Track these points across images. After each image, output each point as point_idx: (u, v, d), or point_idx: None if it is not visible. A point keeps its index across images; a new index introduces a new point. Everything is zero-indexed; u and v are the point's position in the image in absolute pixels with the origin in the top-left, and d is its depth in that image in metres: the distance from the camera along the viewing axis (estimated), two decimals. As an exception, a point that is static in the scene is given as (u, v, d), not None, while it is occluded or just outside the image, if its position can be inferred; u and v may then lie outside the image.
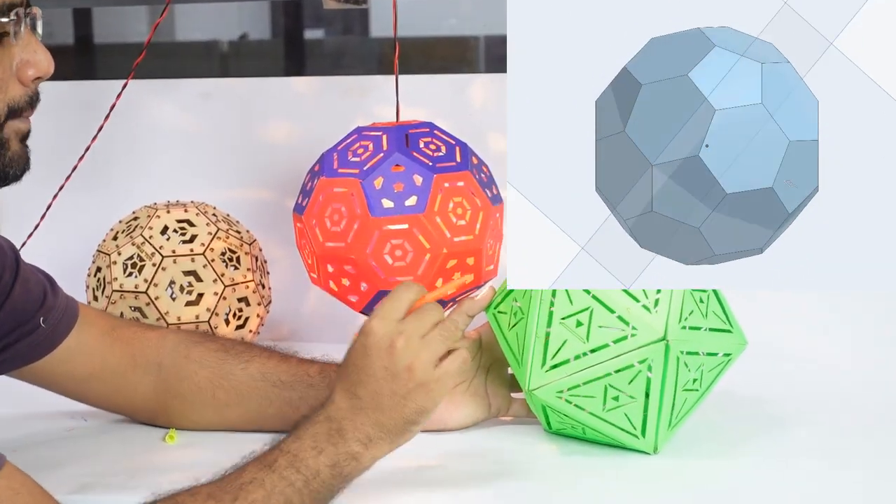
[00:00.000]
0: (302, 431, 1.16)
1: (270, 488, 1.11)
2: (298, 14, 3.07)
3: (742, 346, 1.36)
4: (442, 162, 1.46)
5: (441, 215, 1.43)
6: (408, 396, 1.17)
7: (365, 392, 1.17)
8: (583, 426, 1.33)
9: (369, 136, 1.48)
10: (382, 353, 1.17)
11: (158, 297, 1.56)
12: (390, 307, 1.19)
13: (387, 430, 1.17)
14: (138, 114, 1.92)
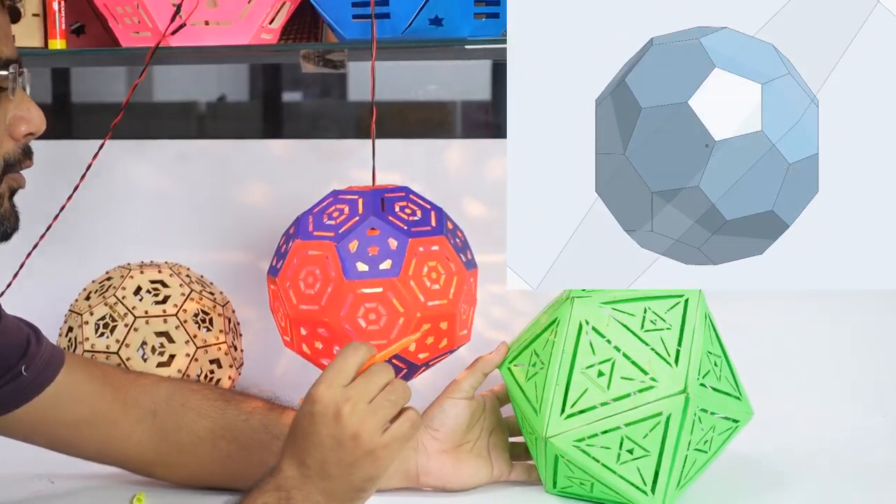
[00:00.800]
0: (250, 501, 1.14)
1: None
2: (277, 77, 3.09)
3: (749, 416, 1.39)
4: (417, 226, 1.46)
5: (415, 279, 1.43)
6: (355, 465, 1.15)
7: (313, 461, 1.15)
8: (592, 482, 1.35)
9: (345, 199, 1.49)
10: (329, 420, 1.15)
11: (130, 358, 1.55)
12: (336, 372, 1.17)
13: (336, 499, 1.16)
14: (114, 174, 1.92)
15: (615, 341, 1.34)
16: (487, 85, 2.88)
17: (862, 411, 1.74)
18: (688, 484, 1.38)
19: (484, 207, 1.83)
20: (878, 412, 1.74)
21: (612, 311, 1.36)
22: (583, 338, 1.35)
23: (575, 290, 1.41)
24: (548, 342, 1.38)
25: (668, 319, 1.36)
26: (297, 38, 1.78)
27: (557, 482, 1.41)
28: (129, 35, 1.62)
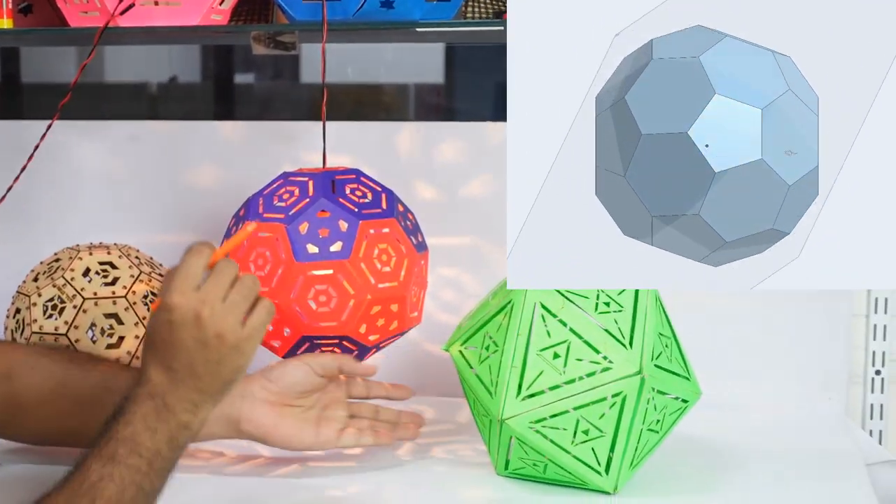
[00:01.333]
0: (130, 415, 1.17)
1: (120, 481, 1.13)
2: (229, 58, 3.07)
3: (697, 396, 1.41)
4: (368, 209, 1.46)
5: (366, 261, 1.43)
6: (221, 361, 1.20)
7: (179, 364, 1.19)
8: (545, 463, 1.36)
9: (295, 181, 1.48)
10: (189, 325, 1.19)
11: (79, 340, 1.54)
12: (186, 278, 1.21)
13: (208, 394, 1.21)
14: (64, 155, 1.90)
15: (570, 323, 1.35)
16: (440, 68, 2.88)
17: (809, 393, 1.76)
18: (640, 464, 1.39)
19: (435, 190, 1.83)
20: (825, 394, 1.75)
21: (566, 294, 1.37)
22: (537, 320, 1.36)
23: (528, 273, 1.41)
24: (501, 325, 1.39)
25: (621, 301, 1.37)
26: (248, 20, 1.77)
27: (510, 464, 1.41)
28: (77, 15, 1.60)
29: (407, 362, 1.85)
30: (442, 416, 1.73)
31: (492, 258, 1.82)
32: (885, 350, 1.79)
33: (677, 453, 1.51)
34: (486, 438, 1.44)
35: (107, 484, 1.12)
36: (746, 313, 1.77)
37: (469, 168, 1.82)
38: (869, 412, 1.80)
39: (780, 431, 1.65)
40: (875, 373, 1.80)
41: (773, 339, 1.76)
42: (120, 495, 1.12)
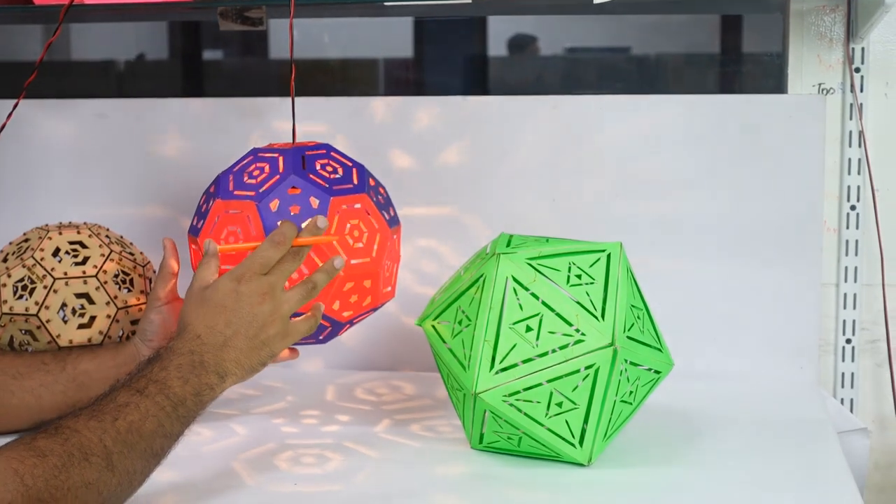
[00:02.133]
0: (167, 361, 1.25)
1: (145, 411, 1.19)
2: (196, 35, 3.05)
3: (669, 367, 1.42)
4: (339, 184, 1.45)
5: (338, 237, 1.43)
6: (266, 342, 1.32)
7: (229, 331, 1.30)
8: (520, 436, 1.36)
9: (265, 157, 1.47)
10: (254, 301, 1.31)
11: (50, 320, 1.53)
12: (263, 262, 1.33)
13: (241, 367, 1.30)
14: (31, 133, 1.89)
15: (542, 296, 1.35)
16: (409, 42, 2.87)
17: (781, 362, 1.76)
18: (613, 435, 1.40)
19: (409, 160, 1.83)
20: (796, 363, 1.76)
21: (538, 267, 1.37)
22: (510, 294, 1.36)
23: (500, 247, 1.41)
24: (474, 299, 1.39)
25: (593, 274, 1.37)
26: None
27: (484, 437, 1.42)
28: (42, -8, 1.59)
29: (385, 336, 1.85)
30: (418, 392, 1.73)
31: (470, 228, 1.81)
32: (856, 319, 1.80)
33: (651, 424, 1.52)
34: (460, 413, 1.44)
35: (132, 410, 1.18)
36: (717, 284, 1.77)
37: (442, 141, 1.82)
38: (840, 381, 1.81)
39: (753, 401, 1.66)
40: (846, 341, 1.81)
41: (745, 309, 1.77)
42: (141, 423, 1.18)
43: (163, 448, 1.21)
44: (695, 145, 1.77)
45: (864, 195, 1.79)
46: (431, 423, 1.57)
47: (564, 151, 1.80)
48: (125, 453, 1.15)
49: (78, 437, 1.13)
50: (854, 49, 1.77)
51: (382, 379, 1.80)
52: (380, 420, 1.59)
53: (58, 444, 1.11)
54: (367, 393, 1.73)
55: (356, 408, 1.66)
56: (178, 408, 1.22)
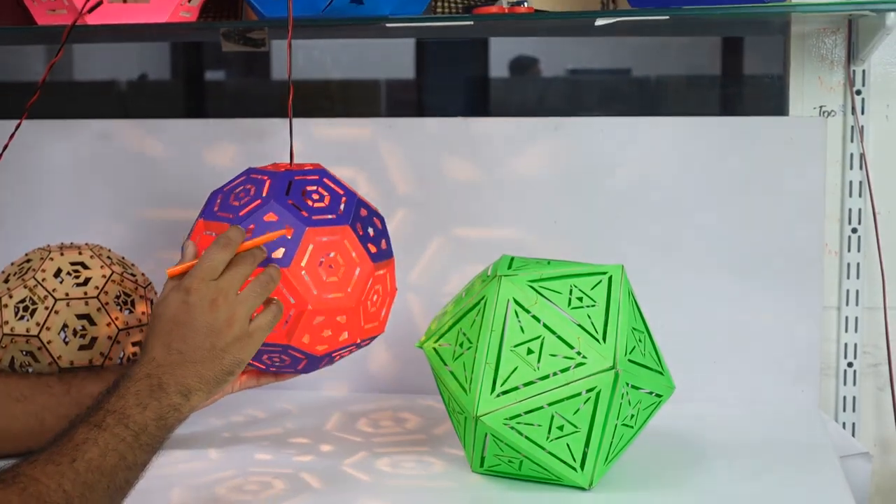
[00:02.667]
0: (124, 390, 1.21)
1: (104, 446, 1.15)
2: (199, 56, 3.05)
3: (671, 390, 1.41)
4: (320, 214, 1.41)
5: (308, 270, 1.39)
6: (226, 349, 1.26)
7: (185, 346, 1.25)
8: (521, 460, 1.36)
9: (255, 179, 1.45)
10: (205, 309, 1.26)
11: (51, 341, 1.53)
12: (209, 267, 1.29)
13: (206, 381, 1.25)
14: (33, 154, 1.89)
15: (543, 319, 1.35)
16: (411, 64, 2.88)
17: (782, 386, 1.76)
18: (615, 459, 1.39)
19: (409, 183, 1.83)
20: (798, 387, 1.76)
21: (539, 290, 1.37)
22: (511, 316, 1.36)
23: (502, 269, 1.41)
24: (475, 322, 1.39)
25: (594, 296, 1.37)
26: (217, 17, 1.77)
27: (486, 461, 1.41)
28: (44, 13, 1.59)
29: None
30: (426, 414, 1.73)
31: (471, 250, 1.81)
32: (858, 342, 1.80)
33: (652, 448, 1.51)
34: (461, 435, 1.44)
35: (90, 447, 1.15)
36: (718, 307, 1.77)
37: (443, 163, 1.82)
38: (842, 404, 1.81)
39: (754, 425, 1.66)
40: (847, 365, 1.80)
41: (746, 332, 1.77)
42: (101, 459, 1.14)
43: (127, 480, 1.17)
44: (695, 167, 1.77)
45: (865, 218, 1.79)
46: (430, 446, 1.57)
47: (565, 173, 1.80)
48: (87, 496, 1.11)
49: (35, 486, 1.09)
50: (855, 71, 1.77)
51: (407, 402, 1.79)
52: (382, 443, 1.58)
53: (15, 494, 1.07)
54: (376, 414, 1.73)
55: (357, 429, 1.65)
56: (140, 436, 1.19)
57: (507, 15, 1.59)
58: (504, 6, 1.58)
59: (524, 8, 1.58)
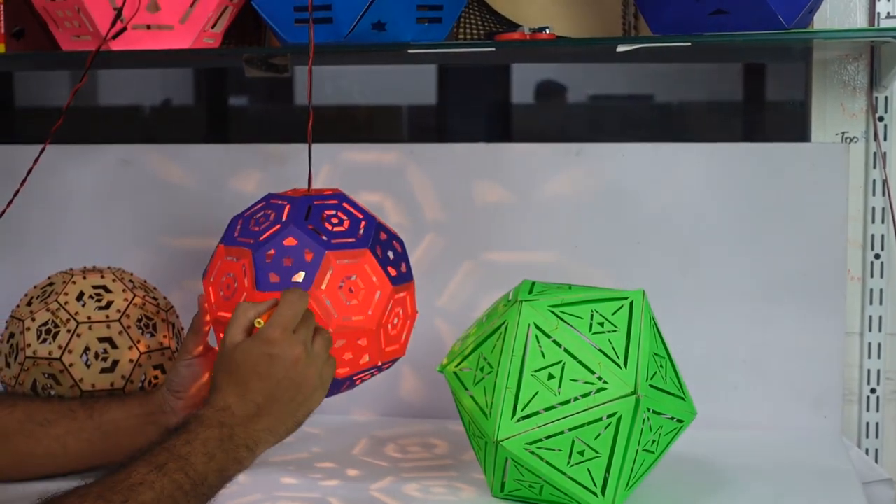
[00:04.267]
0: (192, 435, 1.19)
1: (160, 491, 1.12)
2: (222, 81, 3.07)
3: (692, 416, 1.41)
4: (340, 238, 1.41)
5: (329, 294, 1.38)
6: (303, 403, 1.26)
7: (263, 400, 1.23)
8: (542, 484, 1.36)
9: (275, 204, 1.45)
10: (288, 363, 1.24)
11: (73, 364, 1.54)
12: (290, 317, 1.26)
13: (276, 435, 1.25)
14: (56, 179, 1.90)
15: (564, 344, 1.35)
16: (433, 89, 2.89)
17: (804, 412, 1.75)
18: (636, 485, 1.39)
19: (432, 208, 1.83)
20: (820, 413, 1.75)
21: (560, 314, 1.37)
22: (532, 341, 1.36)
23: (523, 294, 1.41)
24: (496, 346, 1.38)
25: (615, 321, 1.37)
26: (240, 43, 1.78)
27: (506, 486, 1.41)
28: (69, 39, 1.61)
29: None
30: (451, 438, 1.73)
31: (492, 275, 1.81)
32: (881, 368, 1.79)
33: (673, 473, 1.51)
34: (481, 460, 1.43)
35: (145, 490, 1.12)
36: (740, 332, 1.77)
37: (465, 188, 1.82)
38: (865, 430, 1.80)
39: (776, 450, 1.65)
40: (870, 391, 1.79)
41: (768, 357, 1.76)
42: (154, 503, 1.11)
43: None
44: (717, 193, 1.76)
45: (888, 244, 1.78)
46: (450, 470, 1.57)
47: (587, 198, 1.80)
48: None
49: None
50: (877, 98, 1.77)
51: (436, 427, 1.78)
52: (401, 467, 1.58)
53: None
54: (405, 440, 1.73)
55: (385, 453, 1.65)
56: (199, 486, 1.17)
57: (529, 42, 1.59)
58: (526, 33, 1.59)
59: (546, 35, 1.59)
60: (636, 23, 1.73)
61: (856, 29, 1.75)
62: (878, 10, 1.74)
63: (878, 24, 1.74)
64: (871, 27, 1.75)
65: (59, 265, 1.68)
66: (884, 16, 1.74)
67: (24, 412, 1.43)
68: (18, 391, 1.56)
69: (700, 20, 1.49)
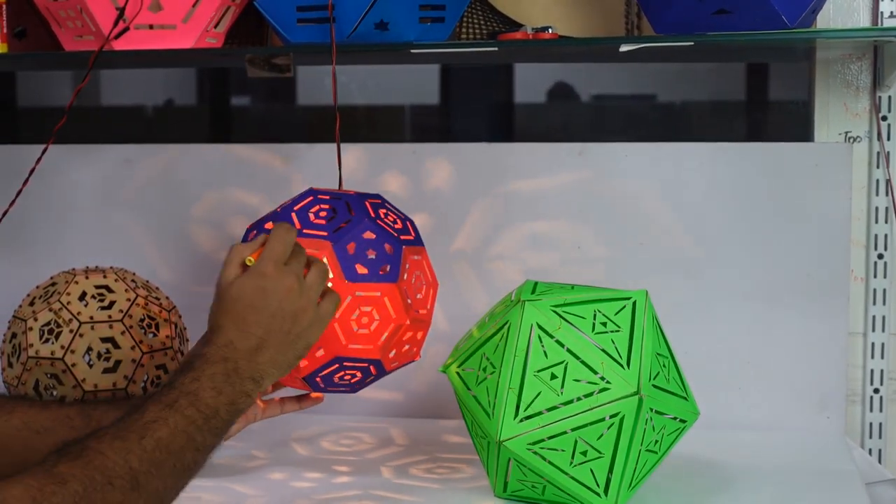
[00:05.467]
0: (199, 372, 1.21)
1: (174, 426, 1.15)
2: (225, 81, 3.07)
3: (695, 416, 1.41)
4: (403, 234, 1.45)
5: (408, 287, 1.42)
6: (301, 335, 1.27)
7: (261, 331, 1.25)
8: (545, 484, 1.35)
9: (326, 199, 1.44)
10: (281, 294, 1.26)
11: (75, 364, 1.54)
12: (280, 250, 1.28)
13: (279, 366, 1.26)
14: (59, 179, 1.90)
15: (567, 344, 1.34)
16: (436, 89, 2.89)
17: (808, 412, 1.75)
18: (638, 485, 1.39)
19: (435, 207, 1.83)
20: (823, 413, 1.75)
21: (563, 314, 1.37)
22: (534, 341, 1.35)
23: (525, 293, 1.41)
24: (498, 346, 1.38)
25: (618, 321, 1.37)
26: (243, 43, 1.78)
27: (508, 486, 1.41)
28: (71, 39, 1.61)
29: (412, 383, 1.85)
30: (453, 438, 1.73)
31: (495, 275, 1.81)
32: (884, 368, 1.79)
33: (676, 474, 1.51)
34: (484, 460, 1.43)
35: (160, 426, 1.14)
36: (743, 332, 1.76)
37: (467, 187, 1.82)
38: (868, 431, 1.79)
39: (779, 451, 1.65)
40: (874, 391, 1.79)
41: (771, 358, 1.76)
42: (170, 439, 1.14)
43: (195, 461, 1.17)
44: (720, 193, 1.76)
45: (891, 244, 1.78)
46: (456, 470, 1.57)
47: (590, 198, 1.80)
48: (153, 472, 1.12)
49: (101, 460, 1.09)
50: (881, 97, 1.77)
51: (442, 426, 1.78)
52: (404, 467, 1.58)
53: (79, 468, 1.08)
54: (404, 439, 1.73)
55: (387, 453, 1.65)
56: (211, 420, 1.19)
57: (532, 41, 1.59)
58: (528, 33, 1.59)
59: (549, 34, 1.58)
60: (639, 22, 1.73)
61: (859, 28, 1.74)
62: (881, 10, 1.74)
63: (881, 23, 1.74)
64: (875, 27, 1.75)
65: (61, 265, 1.68)
66: (887, 15, 1.73)
67: (22, 419, 1.41)
68: (21, 391, 1.56)
69: (703, 20, 1.49)
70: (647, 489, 1.44)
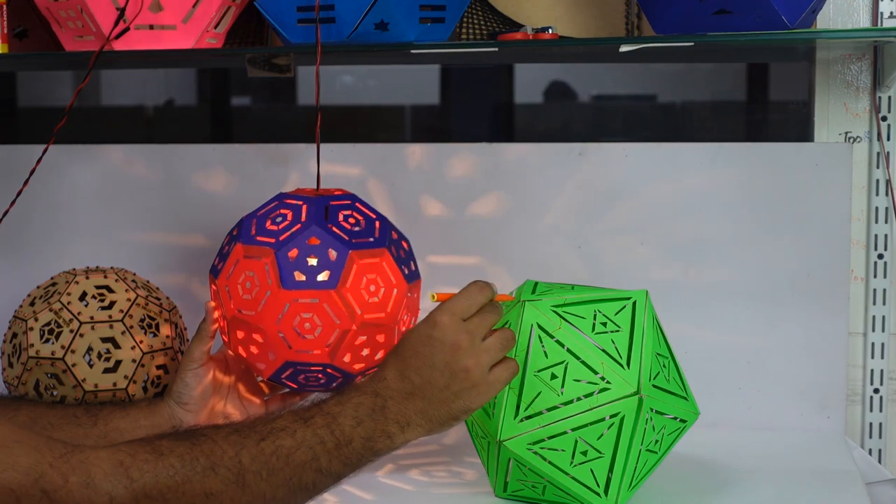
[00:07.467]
0: (346, 398, 1.20)
1: (300, 440, 1.13)
2: (225, 81, 3.08)
3: (695, 416, 1.41)
4: (359, 237, 1.43)
5: (353, 292, 1.40)
6: (459, 394, 1.23)
7: (419, 379, 1.23)
8: (545, 484, 1.35)
9: (289, 204, 1.46)
10: (447, 348, 1.23)
11: (76, 364, 1.54)
12: (463, 305, 1.26)
13: (428, 420, 1.23)
14: (59, 179, 1.90)
15: (567, 344, 1.35)
16: (436, 89, 2.89)
17: (808, 412, 1.75)
18: (639, 485, 1.39)
19: (435, 208, 1.83)
20: (824, 413, 1.75)
21: (563, 314, 1.37)
22: (535, 341, 1.36)
23: (525, 294, 1.41)
24: None
25: (618, 321, 1.37)
26: (243, 43, 1.78)
27: (509, 486, 1.41)
28: (72, 39, 1.61)
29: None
30: (440, 437, 1.73)
31: (495, 275, 1.81)
32: (884, 368, 1.79)
33: (676, 474, 1.51)
34: (484, 460, 1.43)
35: (286, 436, 1.13)
36: (743, 332, 1.76)
37: (467, 188, 1.82)
38: (868, 431, 1.80)
39: (780, 451, 1.65)
40: (874, 391, 1.79)
41: (771, 357, 1.76)
42: (292, 451, 1.13)
43: (315, 484, 1.15)
44: (720, 193, 1.76)
45: (891, 244, 1.78)
46: (453, 470, 1.57)
47: (590, 198, 1.80)
48: (263, 475, 1.10)
49: (209, 444, 1.08)
50: (881, 97, 1.77)
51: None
52: (404, 467, 1.58)
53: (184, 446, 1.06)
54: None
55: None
56: (342, 447, 1.17)
57: (532, 41, 1.59)
58: (529, 33, 1.59)
59: (549, 35, 1.59)
60: (639, 23, 1.73)
61: (859, 29, 1.75)
62: (881, 10, 1.74)
63: (881, 23, 1.74)
64: (875, 27, 1.75)
65: (61, 265, 1.68)
66: (887, 15, 1.74)
67: (29, 416, 1.42)
68: (21, 391, 1.56)
69: (703, 20, 1.49)
70: (647, 489, 1.44)
